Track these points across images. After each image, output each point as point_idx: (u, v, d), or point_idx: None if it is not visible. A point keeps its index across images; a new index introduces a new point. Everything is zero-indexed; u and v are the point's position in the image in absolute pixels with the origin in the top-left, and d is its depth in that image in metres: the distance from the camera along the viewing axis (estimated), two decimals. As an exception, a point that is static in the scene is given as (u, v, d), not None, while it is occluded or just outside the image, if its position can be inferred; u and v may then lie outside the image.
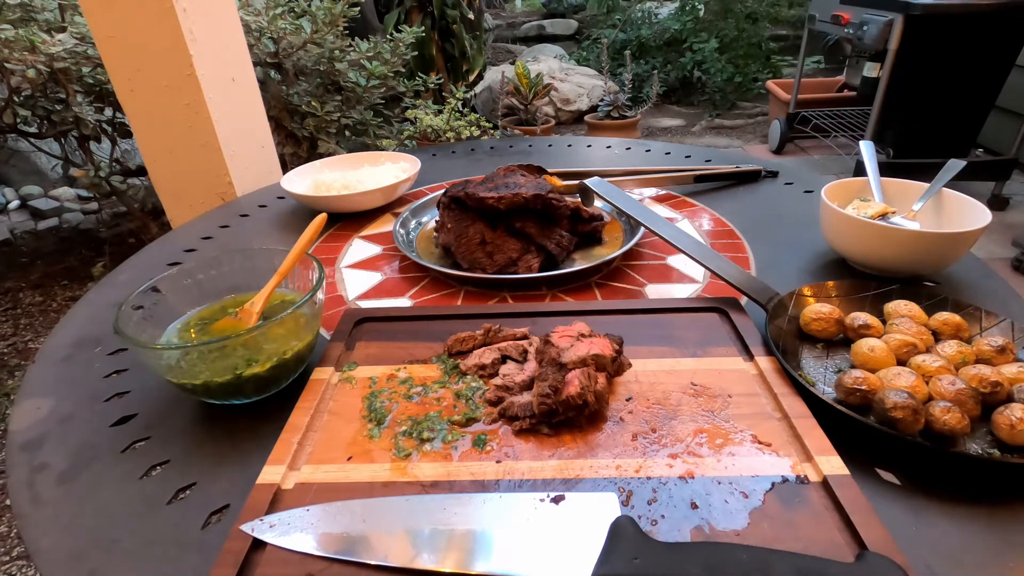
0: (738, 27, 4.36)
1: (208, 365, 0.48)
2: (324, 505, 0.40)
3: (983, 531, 0.38)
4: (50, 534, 0.41)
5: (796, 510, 0.38)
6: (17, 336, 2.05)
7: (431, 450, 0.45)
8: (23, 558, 1.34)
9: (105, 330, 0.65)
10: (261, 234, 0.90)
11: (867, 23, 2.45)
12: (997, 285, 0.65)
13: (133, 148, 2.52)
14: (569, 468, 0.42)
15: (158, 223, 2.18)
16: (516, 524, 0.38)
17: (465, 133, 2.37)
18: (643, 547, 0.34)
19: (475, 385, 0.51)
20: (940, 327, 0.53)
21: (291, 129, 2.00)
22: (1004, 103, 2.55)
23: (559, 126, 4.07)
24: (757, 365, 0.51)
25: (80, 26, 1.72)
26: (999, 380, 0.45)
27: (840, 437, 0.43)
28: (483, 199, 0.71)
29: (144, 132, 1.12)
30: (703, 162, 1.10)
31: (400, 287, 0.72)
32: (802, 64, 3.17)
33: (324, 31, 1.97)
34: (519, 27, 5.74)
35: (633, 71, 3.83)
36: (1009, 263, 2.18)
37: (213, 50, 1.07)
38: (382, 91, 2.23)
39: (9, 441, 0.50)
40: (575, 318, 0.57)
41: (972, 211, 0.66)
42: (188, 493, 0.44)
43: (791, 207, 0.89)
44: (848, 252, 0.69)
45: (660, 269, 0.73)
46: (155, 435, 0.50)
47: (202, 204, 1.14)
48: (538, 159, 1.15)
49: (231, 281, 0.59)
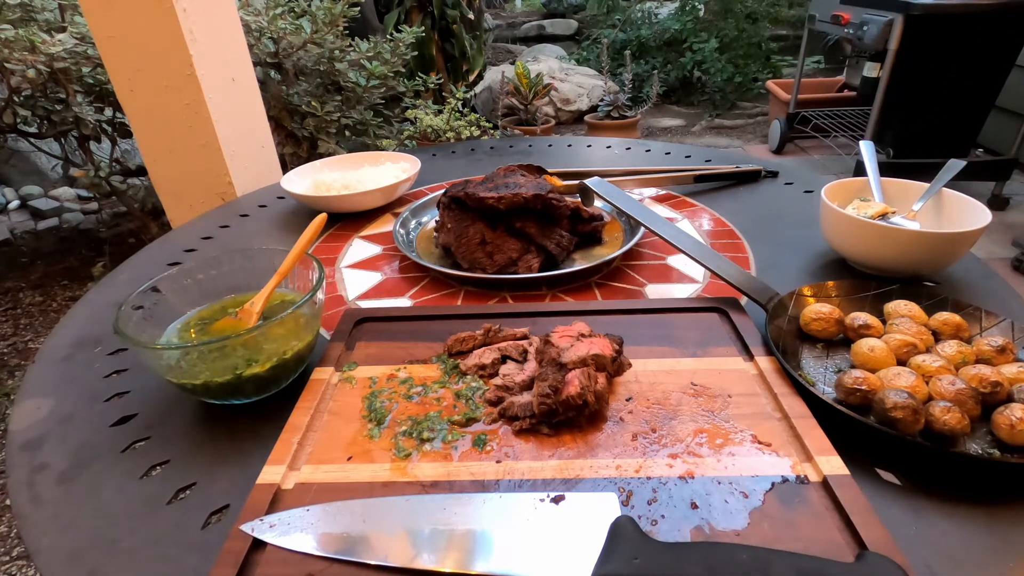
0: (738, 27, 4.36)
1: (208, 365, 0.48)
2: (324, 505, 0.40)
3: (983, 531, 0.38)
4: (50, 534, 0.41)
5: (796, 510, 0.38)
6: (17, 336, 2.05)
7: (431, 450, 0.45)
8: (23, 558, 1.34)
9: (105, 330, 0.65)
10: (261, 234, 0.90)
11: (867, 23, 2.45)
12: (997, 285, 0.65)
13: (133, 148, 2.52)
14: (569, 468, 0.42)
15: (158, 223, 2.18)
16: (516, 524, 0.38)
17: (465, 133, 2.37)
18: (643, 547, 0.34)
19: (475, 385, 0.51)
20: (940, 327, 0.53)
21: (291, 129, 2.00)
22: (1004, 103, 2.55)
23: (559, 126, 4.07)
24: (757, 365, 0.51)
25: (80, 26, 1.72)
26: (999, 380, 0.45)
27: (840, 437, 0.43)
28: (483, 199, 0.71)
29: (144, 132, 1.12)
30: (703, 162, 1.10)
31: (400, 287, 0.72)
32: (802, 64, 3.17)
33: (324, 31, 1.97)
34: (519, 27, 5.74)
35: (633, 71, 3.83)
36: (1009, 263, 2.18)
37: (213, 50, 1.07)
38: (382, 91, 2.23)
39: (9, 441, 0.50)
40: (575, 318, 0.57)
41: (972, 211, 0.66)
42: (188, 493, 0.44)
43: (791, 207, 0.89)
44: (848, 252, 0.69)
45: (660, 269, 0.73)
46: (155, 435, 0.50)
47: (202, 204, 1.14)
48: (538, 159, 1.15)
49: (231, 281, 0.59)
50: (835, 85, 3.57)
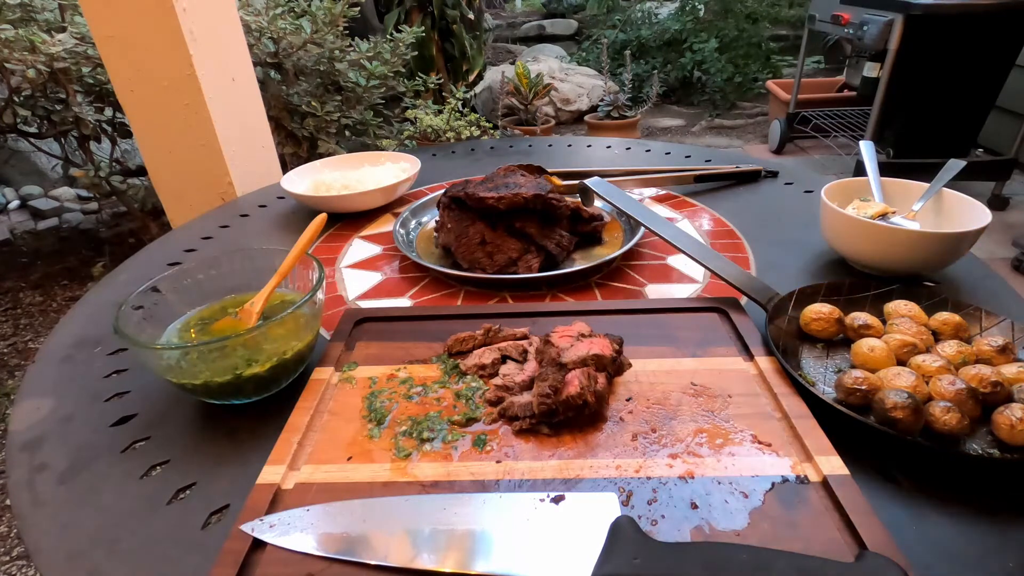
0: (738, 27, 4.36)
1: (208, 365, 0.48)
2: (324, 505, 0.40)
3: (983, 531, 0.38)
4: (50, 534, 0.41)
5: (796, 510, 0.38)
6: (17, 336, 2.05)
7: (431, 450, 0.45)
8: (23, 558, 1.34)
9: (105, 330, 0.65)
10: (261, 234, 0.90)
11: (867, 23, 2.44)
12: (997, 285, 0.65)
13: (133, 148, 2.52)
14: (569, 468, 0.42)
15: (158, 223, 2.18)
16: (516, 524, 0.38)
17: (465, 133, 2.37)
18: (643, 547, 0.34)
19: (475, 385, 0.51)
20: (940, 327, 0.53)
21: (291, 129, 2.00)
22: (1004, 103, 2.55)
23: (559, 126, 4.07)
24: (757, 365, 0.51)
25: (80, 26, 1.72)
26: (999, 380, 0.45)
27: (840, 437, 0.43)
28: (483, 199, 0.71)
29: (144, 132, 1.12)
30: (703, 162, 1.10)
31: (400, 287, 0.72)
32: (802, 64, 3.17)
33: (324, 31, 1.97)
34: (519, 27, 5.74)
35: (633, 71, 3.83)
36: (1009, 263, 2.18)
37: (213, 50, 1.07)
38: (382, 91, 2.23)
39: (9, 441, 0.50)
40: (575, 318, 0.57)
41: (972, 211, 0.66)
42: (188, 493, 0.44)
43: (791, 207, 0.89)
44: (848, 252, 0.69)
45: (660, 269, 0.73)
46: (155, 435, 0.50)
47: (202, 204, 1.14)
48: (538, 159, 1.15)
49: (231, 281, 0.59)
50: (835, 85, 3.57)
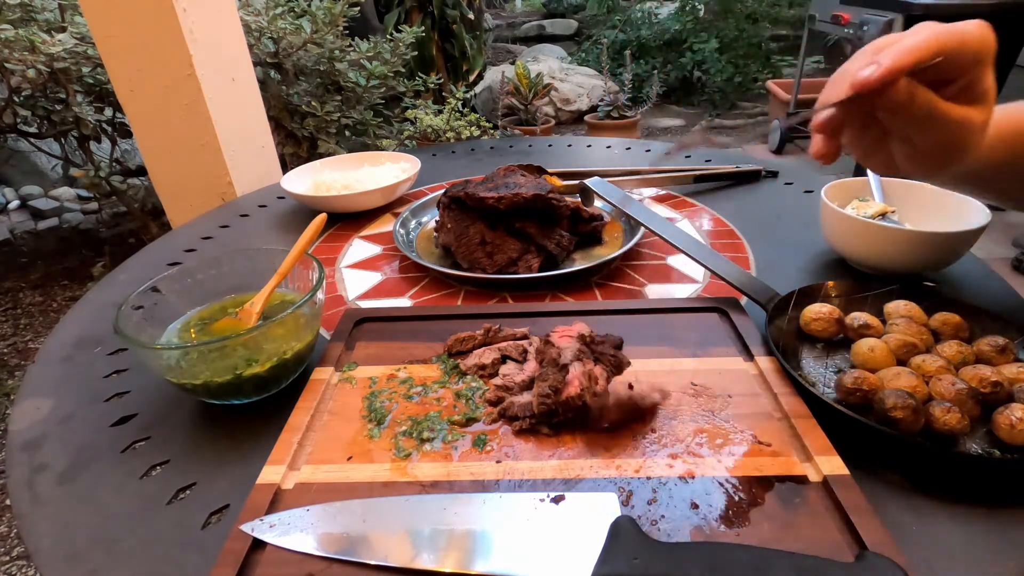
0: (738, 27, 4.37)
1: (208, 365, 0.48)
2: (324, 505, 0.40)
3: (983, 531, 0.38)
4: (50, 534, 0.41)
5: (796, 510, 0.38)
6: (17, 336, 2.06)
7: (431, 450, 0.45)
8: (23, 558, 1.34)
9: (105, 330, 0.65)
10: (261, 234, 0.90)
11: (867, 23, 2.44)
12: (997, 285, 0.65)
13: (133, 148, 2.52)
14: (569, 468, 0.42)
15: (158, 223, 2.18)
16: (516, 524, 0.38)
17: (465, 133, 2.37)
18: (643, 547, 0.34)
19: (475, 385, 0.51)
20: (940, 327, 0.53)
21: (291, 129, 2.00)
22: (1004, 103, 2.55)
23: (559, 126, 4.07)
24: (757, 365, 0.51)
25: (80, 26, 1.72)
26: (999, 380, 0.45)
27: (840, 437, 0.43)
28: (483, 199, 0.71)
29: (144, 132, 1.12)
30: (703, 162, 1.10)
31: (400, 287, 0.72)
32: (802, 64, 3.17)
33: (324, 31, 1.97)
34: (519, 27, 5.74)
35: (633, 71, 3.83)
36: (1009, 263, 2.18)
37: (213, 50, 1.07)
38: (382, 91, 2.23)
39: (9, 441, 0.50)
40: (575, 318, 0.57)
41: (972, 211, 0.66)
42: (188, 493, 0.44)
43: (791, 207, 0.89)
44: (848, 252, 0.69)
45: (660, 269, 0.73)
46: (155, 435, 0.50)
47: (202, 204, 1.14)
48: (538, 159, 1.15)
49: (231, 281, 0.59)
50: (835, 85, 3.56)
